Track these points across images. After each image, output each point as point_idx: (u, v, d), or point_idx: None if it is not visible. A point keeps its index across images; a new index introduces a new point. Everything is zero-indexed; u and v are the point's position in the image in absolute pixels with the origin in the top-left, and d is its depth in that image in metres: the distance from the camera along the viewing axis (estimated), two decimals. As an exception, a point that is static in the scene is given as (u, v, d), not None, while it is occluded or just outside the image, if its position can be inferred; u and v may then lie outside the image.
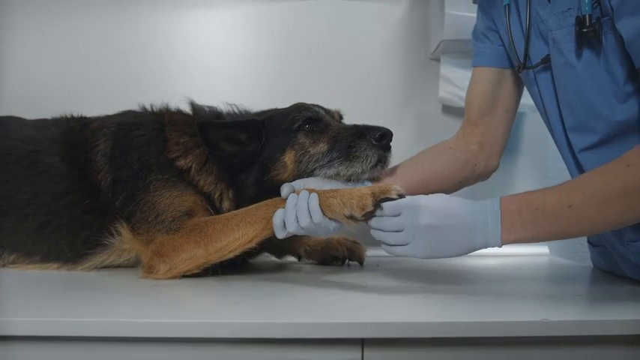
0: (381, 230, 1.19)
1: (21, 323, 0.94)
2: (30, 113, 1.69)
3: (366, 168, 1.38)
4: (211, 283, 1.28)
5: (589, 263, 1.63)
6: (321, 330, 0.94)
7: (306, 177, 1.40)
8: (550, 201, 1.10)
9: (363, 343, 0.95)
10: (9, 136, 1.56)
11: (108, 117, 1.57)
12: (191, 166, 1.43)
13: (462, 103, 1.95)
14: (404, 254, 1.17)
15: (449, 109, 2.06)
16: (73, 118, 1.60)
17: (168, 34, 2.08)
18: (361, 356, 0.95)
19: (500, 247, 1.13)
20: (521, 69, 1.42)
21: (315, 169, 1.40)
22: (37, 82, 2.03)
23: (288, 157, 1.41)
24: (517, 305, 1.13)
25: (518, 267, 1.75)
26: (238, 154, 1.43)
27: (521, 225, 1.11)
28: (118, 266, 1.46)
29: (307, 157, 1.41)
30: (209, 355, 0.95)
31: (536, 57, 1.38)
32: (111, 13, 2.07)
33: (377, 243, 1.22)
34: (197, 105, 1.57)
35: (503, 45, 1.51)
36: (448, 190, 1.45)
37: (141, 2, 2.07)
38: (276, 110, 1.54)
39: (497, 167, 1.58)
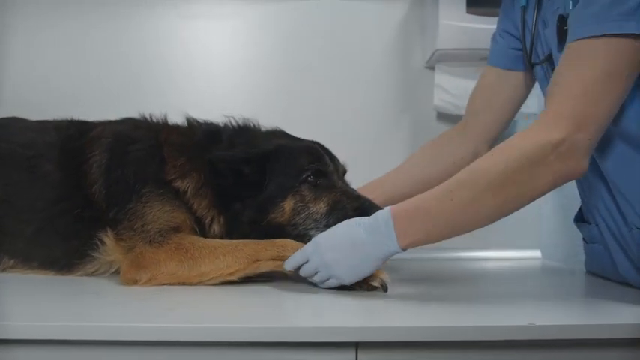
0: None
1: (29, 327, 0.94)
2: (30, 114, 1.69)
3: None
4: (210, 288, 1.28)
5: (581, 267, 1.65)
6: (315, 333, 0.95)
7: (302, 229, 1.38)
8: (435, 203, 1.16)
9: (357, 346, 0.96)
10: (10, 139, 1.56)
11: (107, 125, 1.56)
12: (187, 189, 1.42)
13: (457, 111, 1.99)
14: (335, 285, 1.23)
15: (443, 117, 2.08)
16: (73, 123, 1.59)
17: (169, 36, 2.10)
18: None
19: (403, 251, 1.17)
20: (528, 65, 1.49)
21: (311, 228, 1.38)
22: (38, 84, 2.04)
23: (288, 205, 1.39)
24: (507, 309, 1.15)
25: (510, 270, 1.79)
26: (239, 184, 1.41)
27: (412, 229, 1.16)
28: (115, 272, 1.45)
29: (306, 212, 1.39)
30: (203, 357, 0.96)
31: (542, 55, 1.45)
32: (111, 14, 2.08)
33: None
34: (193, 121, 1.56)
35: (515, 48, 1.56)
36: None
37: (142, 3, 2.09)
38: (286, 137, 1.52)
39: None
